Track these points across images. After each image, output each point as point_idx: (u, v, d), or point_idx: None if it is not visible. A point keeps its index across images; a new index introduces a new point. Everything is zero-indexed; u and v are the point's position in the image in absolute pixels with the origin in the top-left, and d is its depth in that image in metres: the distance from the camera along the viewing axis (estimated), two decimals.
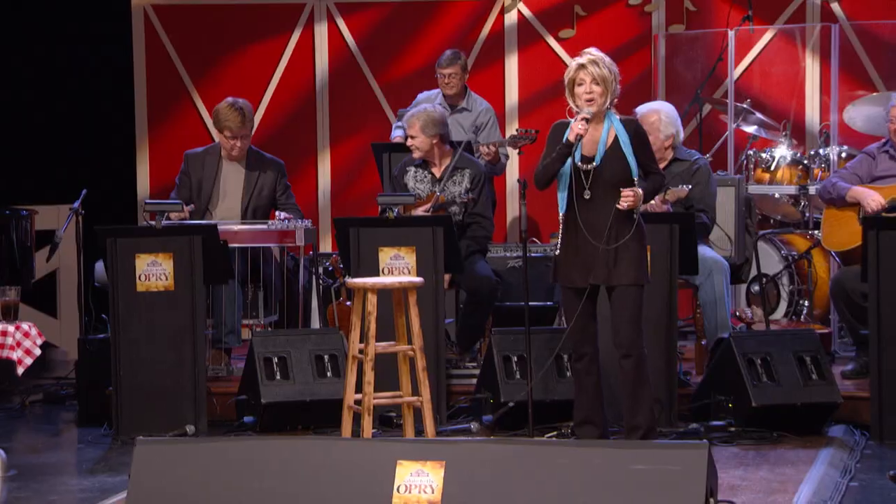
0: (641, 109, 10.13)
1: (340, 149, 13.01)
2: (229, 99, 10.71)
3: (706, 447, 7.00)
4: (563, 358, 9.17)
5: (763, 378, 9.10)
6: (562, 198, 8.18)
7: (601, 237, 8.06)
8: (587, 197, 8.11)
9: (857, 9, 12.32)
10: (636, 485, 6.95)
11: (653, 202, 9.30)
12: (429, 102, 11.17)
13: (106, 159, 12.90)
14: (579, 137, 8.04)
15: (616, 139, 8.13)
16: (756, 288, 10.78)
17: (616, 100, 8.19)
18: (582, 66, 8.07)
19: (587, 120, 8.05)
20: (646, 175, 8.18)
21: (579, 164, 8.11)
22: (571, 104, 8.14)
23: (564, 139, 8.09)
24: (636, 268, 8.17)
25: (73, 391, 10.39)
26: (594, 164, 8.11)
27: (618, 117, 8.22)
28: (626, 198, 8.01)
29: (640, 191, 8.08)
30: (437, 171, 10.15)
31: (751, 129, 11.56)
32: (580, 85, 8.08)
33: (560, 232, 8.30)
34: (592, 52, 8.19)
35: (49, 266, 11.84)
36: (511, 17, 12.87)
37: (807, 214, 11.03)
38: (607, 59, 8.15)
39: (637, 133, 8.22)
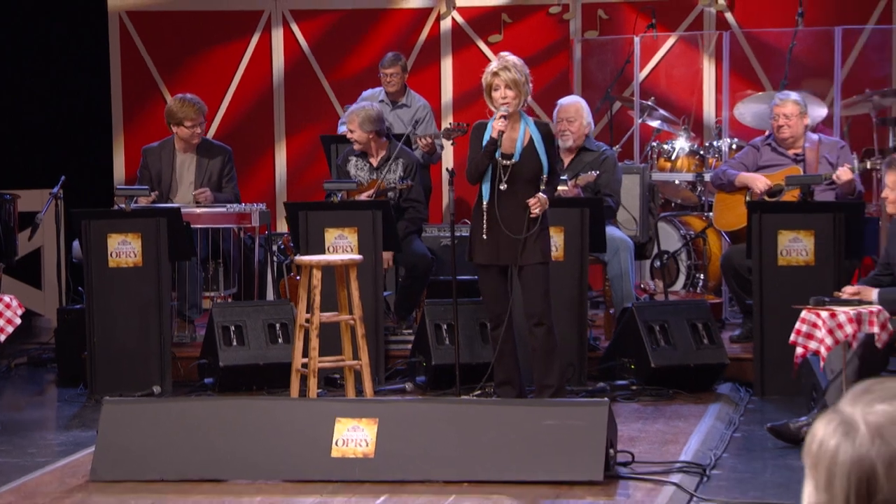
0: (564, 101, 10.22)
1: (294, 140, 12.97)
2: (178, 96, 10.70)
3: (607, 405, 7.06)
4: (485, 327, 9.17)
5: (661, 343, 9.15)
6: (485, 188, 8.20)
7: (514, 225, 8.09)
8: (503, 189, 8.15)
9: (748, 18, 12.36)
10: (546, 438, 7.02)
11: (565, 187, 9.34)
12: (373, 99, 11.21)
13: (84, 149, 12.84)
14: (500, 133, 8.05)
15: (531, 139, 8.16)
16: (658, 263, 10.80)
17: (527, 100, 8.21)
18: (496, 73, 8.08)
19: (504, 117, 8.06)
20: (550, 170, 8.18)
21: (499, 159, 8.13)
22: (490, 106, 8.14)
23: (488, 137, 8.10)
24: (541, 249, 8.21)
25: (54, 355, 10.33)
26: (513, 160, 8.14)
27: (531, 119, 8.27)
28: (535, 206, 8.05)
29: (544, 196, 8.10)
30: (374, 161, 10.13)
31: (655, 123, 11.58)
32: (496, 90, 8.09)
33: (474, 217, 8.35)
34: (506, 58, 8.19)
35: (32, 245, 11.77)
36: (446, 24, 12.84)
37: (702, 199, 11.06)
38: (519, 64, 8.15)
39: (548, 135, 8.30)
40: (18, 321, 8.60)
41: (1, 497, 7.06)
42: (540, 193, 8.10)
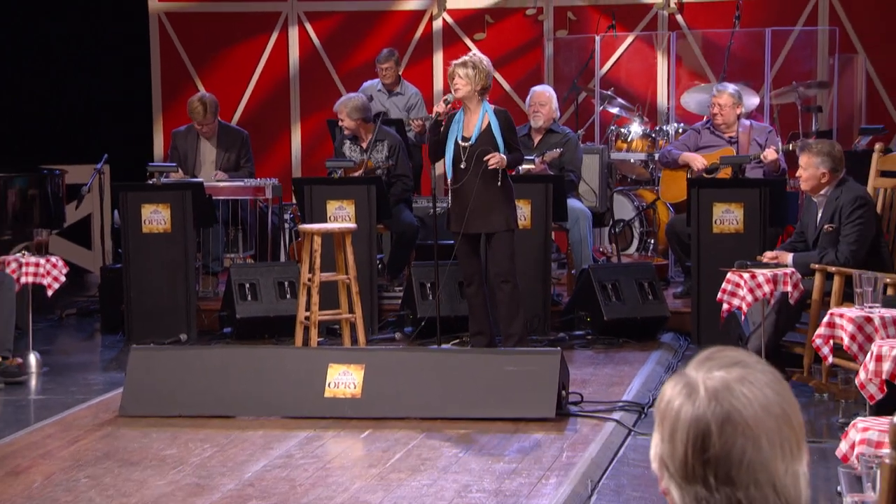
0: (537, 88, 10.25)
1: (307, 124, 12.94)
2: (198, 94, 10.74)
3: (559, 353, 7.09)
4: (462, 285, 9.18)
5: (612, 298, 9.15)
6: (448, 168, 8.27)
7: (477, 199, 8.09)
8: (463, 167, 8.14)
9: (695, 19, 12.30)
10: (507, 381, 7.07)
11: (532, 166, 9.34)
12: (372, 89, 11.28)
13: (126, 131, 12.77)
14: (437, 114, 8.21)
15: (489, 124, 8.14)
16: (615, 230, 10.79)
17: (488, 91, 8.18)
18: (454, 66, 8.12)
19: (446, 102, 8.16)
20: (507, 150, 8.16)
21: (459, 141, 8.14)
22: (451, 90, 8.17)
23: (436, 116, 8.23)
24: (506, 217, 8.20)
25: (98, 307, 10.32)
26: (470, 142, 8.15)
27: (492, 107, 8.24)
28: (491, 158, 8.03)
29: (502, 155, 8.07)
30: (363, 144, 10.09)
31: (614, 110, 11.53)
32: (452, 79, 8.11)
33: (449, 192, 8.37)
34: (468, 56, 8.23)
35: (81, 212, 11.79)
36: (437, 24, 12.79)
37: (653, 174, 11.01)
38: (476, 60, 8.14)
39: (506, 120, 8.27)
40: (63, 279, 8.62)
41: (43, 429, 7.10)
42: (495, 157, 8.07)
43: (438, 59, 12.82)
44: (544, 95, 10.07)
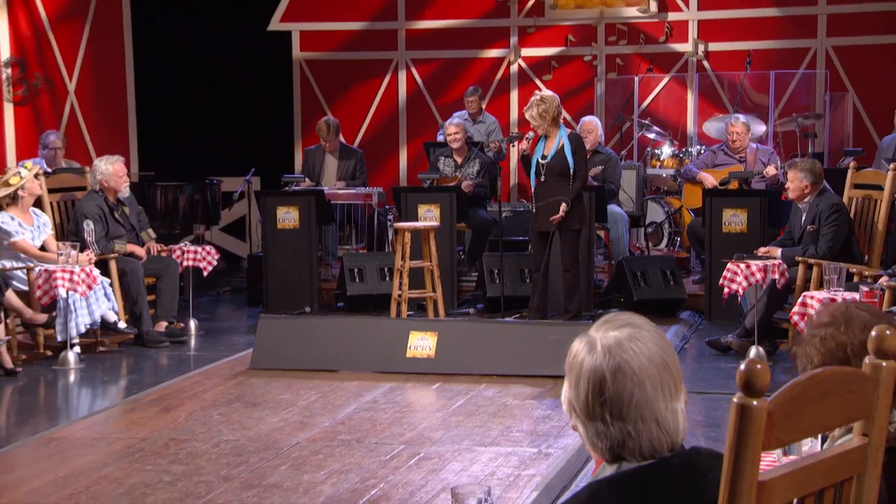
0: (585, 118, 10.18)
1: (411, 146, 12.92)
2: (324, 117, 10.81)
3: (591, 324, 6.96)
4: (524, 271, 9.11)
5: (641, 283, 9.03)
6: (532, 179, 8.19)
7: (549, 206, 8.02)
8: (543, 180, 8.09)
9: (717, 64, 12.09)
10: (550, 347, 6.99)
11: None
12: (460, 118, 11.19)
13: (271, 150, 12.86)
14: (524, 150, 8.16)
15: (563, 146, 8.06)
16: (648, 230, 10.67)
17: (560, 117, 8.10)
18: (529, 110, 8.08)
19: (528, 140, 8.13)
20: (576, 168, 8.05)
21: (539, 160, 8.09)
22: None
23: (522, 147, 8.19)
24: (572, 221, 8.10)
25: (246, 285, 10.42)
26: (547, 160, 8.07)
27: (567, 131, 8.16)
28: (555, 219, 7.99)
29: (565, 206, 7.96)
30: (458, 159, 10.08)
31: (650, 136, 11.39)
32: (529, 120, 8.08)
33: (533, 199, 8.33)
34: (535, 97, 8.14)
35: (235, 214, 11.94)
36: (514, 68, 12.71)
37: (679, 186, 10.85)
38: (547, 99, 8.04)
39: (577, 143, 8.17)
40: (215, 263, 8.73)
41: (193, 377, 7.22)
42: (563, 205, 7.96)
43: (514, 95, 12.76)
44: (591, 124, 9.97)
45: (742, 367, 1.70)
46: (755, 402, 1.68)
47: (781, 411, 1.72)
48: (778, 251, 7.65)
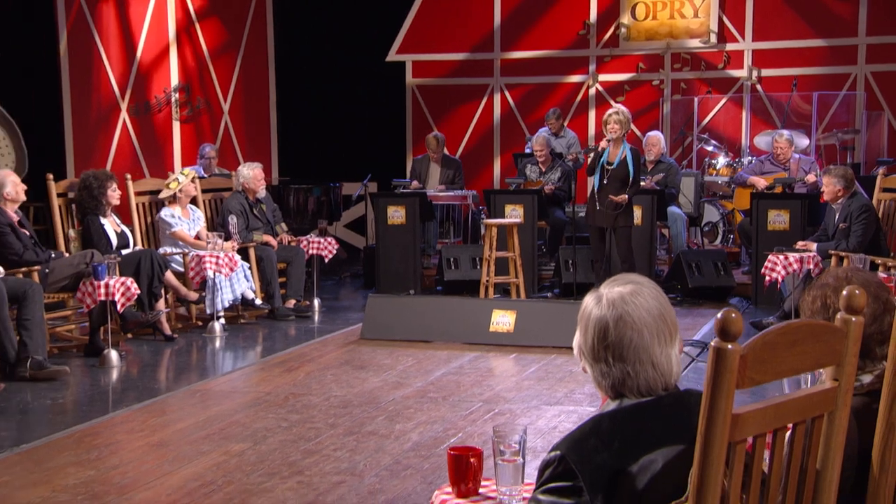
0: (650, 133, 10.02)
1: (503, 157, 12.89)
2: (433, 132, 10.81)
3: None
4: (593, 262, 9.01)
5: (696, 273, 8.85)
6: (596, 181, 8.10)
7: (608, 205, 7.92)
8: (605, 182, 7.99)
9: (768, 86, 11.79)
10: None
11: (644, 183, 9.14)
12: (544, 133, 11.13)
13: (386, 160, 12.94)
14: (602, 147, 8.00)
15: (626, 157, 7.96)
16: (705, 229, 10.46)
17: (628, 132, 8.01)
18: (608, 115, 7.96)
19: (609, 141, 7.97)
20: (634, 177, 7.97)
21: (605, 165, 7.99)
22: (604, 132, 8.01)
23: (598, 148, 8.03)
24: (626, 219, 8.03)
25: (363, 271, 10.50)
26: (612, 166, 7.98)
27: (629, 146, 8.07)
28: (617, 198, 7.91)
29: (625, 196, 7.90)
30: (543, 168, 10.03)
31: (709, 148, 11.16)
32: (607, 125, 7.95)
33: (589, 197, 8.23)
34: (614, 107, 8.07)
35: (354, 213, 12.02)
36: (592, 91, 12.57)
37: (732, 191, 10.61)
38: (623, 111, 7.97)
39: (636, 156, 8.07)
40: (335, 252, 8.81)
41: (312, 345, 7.30)
42: (625, 195, 7.89)
43: (592, 113, 12.62)
44: (655, 138, 9.84)
45: (719, 315, 1.66)
46: (730, 346, 1.64)
47: (754, 355, 1.67)
48: (814, 245, 7.44)
